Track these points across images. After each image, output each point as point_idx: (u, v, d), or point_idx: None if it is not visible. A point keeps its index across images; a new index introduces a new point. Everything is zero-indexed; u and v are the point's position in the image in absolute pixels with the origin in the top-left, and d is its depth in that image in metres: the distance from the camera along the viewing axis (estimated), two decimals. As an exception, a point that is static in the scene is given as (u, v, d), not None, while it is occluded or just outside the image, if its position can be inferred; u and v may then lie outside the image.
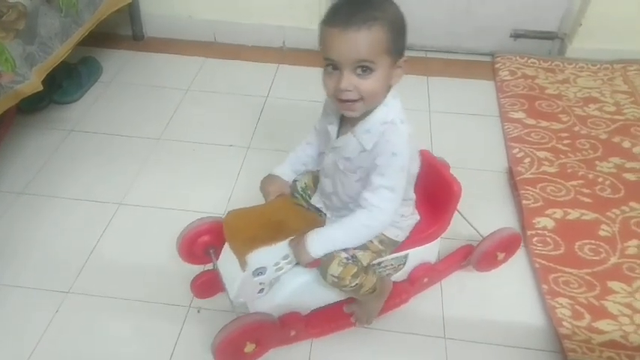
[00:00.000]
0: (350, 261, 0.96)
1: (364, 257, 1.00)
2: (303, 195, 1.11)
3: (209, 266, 1.15)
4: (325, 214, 1.09)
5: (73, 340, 1.14)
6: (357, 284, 0.99)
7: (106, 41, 2.10)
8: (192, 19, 2.12)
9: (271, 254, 0.98)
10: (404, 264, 1.14)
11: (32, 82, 1.42)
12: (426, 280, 1.20)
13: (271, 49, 2.11)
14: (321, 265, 0.96)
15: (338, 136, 0.97)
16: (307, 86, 1.87)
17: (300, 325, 1.09)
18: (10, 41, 1.35)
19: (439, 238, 1.17)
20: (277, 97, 1.87)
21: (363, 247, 0.99)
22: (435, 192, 1.13)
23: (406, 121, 0.93)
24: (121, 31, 2.16)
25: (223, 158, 1.61)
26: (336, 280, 0.96)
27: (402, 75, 0.91)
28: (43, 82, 1.47)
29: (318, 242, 0.94)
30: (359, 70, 0.85)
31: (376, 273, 1.06)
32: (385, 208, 0.92)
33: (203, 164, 1.59)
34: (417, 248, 1.13)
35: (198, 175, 1.55)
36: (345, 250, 0.96)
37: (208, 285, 1.14)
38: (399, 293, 1.18)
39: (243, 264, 0.96)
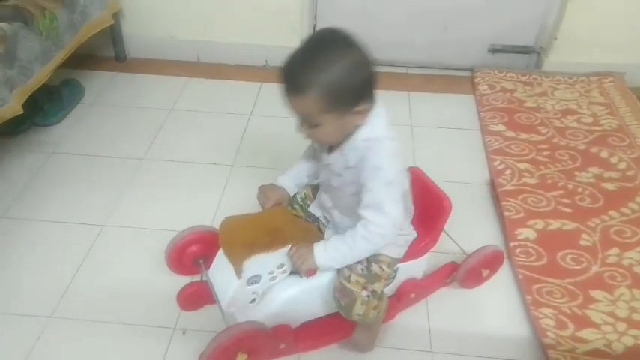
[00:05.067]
0: (371, 297, 1.00)
1: (379, 287, 1.02)
2: (302, 205, 1.13)
3: (196, 278, 1.14)
4: (323, 224, 1.11)
5: (55, 366, 1.12)
6: (378, 313, 1.03)
7: (88, 63, 2.10)
8: (174, 39, 2.13)
9: (267, 262, 0.97)
10: (393, 278, 1.15)
11: (12, 106, 1.42)
12: (412, 295, 1.21)
13: (254, 67, 2.13)
14: (343, 304, 1.01)
15: (329, 154, 0.99)
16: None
17: (290, 338, 1.08)
18: (-11, 65, 1.35)
19: (428, 254, 1.18)
20: (260, 116, 1.88)
21: (377, 277, 1.02)
22: (426, 207, 1.14)
23: (392, 138, 0.94)
24: (104, 53, 2.17)
25: (207, 177, 1.61)
26: (361, 317, 1.01)
27: (365, 116, 0.91)
28: (24, 105, 1.47)
29: (326, 253, 0.97)
30: (306, 124, 0.91)
31: (385, 293, 1.07)
32: (380, 223, 0.93)
33: (187, 183, 1.59)
34: (406, 263, 1.13)
35: (183, 194, 1.54)
36: (364, 287, 0.99)
37: (195, 296, 1.12)
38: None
39: (239, 271, 0.94)
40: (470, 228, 1.36)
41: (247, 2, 2.02)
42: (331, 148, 0.98)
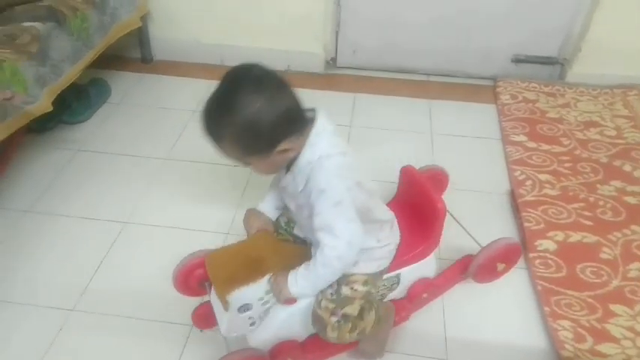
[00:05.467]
0: (341, 321, 0.99)
1: (353, 309, 1.00)
2: (287, 229, 1.11)
3: (207, 297, 1.15)
4: (309, 243, 1.08)
5: (76, 359, 1.14)
6: (358, 333, 1.01)
7: (115, 63, 2.15)
8: (199, 42, 2.17)
9: (254, 291, 0.97)
10: (397, 283, 1.15)
11: (42, 103, 1.46)
12: (425, 295, 1.20)
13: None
14: (317, 329, 1.01)
15: (285, 175, 0.96)
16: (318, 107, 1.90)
17: (297, 351, 1.08)
18: (23, 63, 1.39)
19: (432, 255, 1.17)
20: (282, 119, 1.90)
21: (348, 300, 0.99)
22: (421, 210, 1.14)
23: (338, 154, 0.89)
24: (130, 54, 2.22)
25: (228, 178, 1.63)
26: (337, 340, 1.00)
27: (293, 152, 0.89)
28: (53, 102, 1.51)
29: (297, 283, 0.95)
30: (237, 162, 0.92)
31: (374, 305, 1.05)
32: (333, 245, 0.90)
33: (208, 184, 1.61)
34: (410, 266, 1.13)
35: (203, 195, 1.57)
36: (332, 313, 0.98)
37: (208, 316, 1.12)
38: (397, 311, 1.17)
39: (224, 304, 0.96)
40: (489, 238, 1.34)
41: (271, 8, 2.05)
42: (287, 167, 0.95)
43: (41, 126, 1.75)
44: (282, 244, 1.08)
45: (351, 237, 0.90)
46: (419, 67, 2.17)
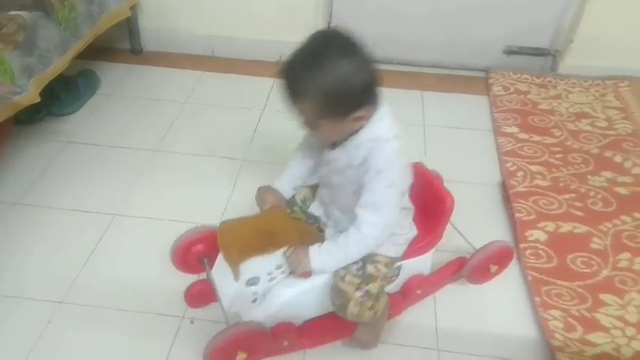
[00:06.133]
0: (365, 298, 1.00)
1: (374, 287, 1.02)
2: (302, 207, 1.12)
3: (203, 275, 1.15)
4: (323, 223, 1.10)
5: (64, 352, 1.13)
6: (374, 313, 1.02)
7: (104, 54, 2.12)
8: (190, 33, 2.15)
9: (264, 264, 0.98)
10: (397, 275, 1.15)
11: (30, 94, 1.43)
12: (419, 292, 1.21)
13: (268, 63, 2.14)
14: (337, 305, 1.01)
15: (331, 150, 0.99)
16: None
17: (293, 335, 1.09)
18: (9, 53, 1.37)
19: (432, 250, 1.18)
20: (273, 111, 1.89)
21: (372, 278, 1.01)
22: (428, 204, 1.14)
23: (395, 137, 0.92)
24: (120, 45, 2.19)
25: (219, 170, 1.62)
26: (355, 317, 1.00)
27: (365, 121, 0.91)
28: (41, 93, 1.49)
29: (320, 257, 0.97)
30: (306, 125, 0.93)
31: (385, 289, 1.07)
32: (375, 223, 0.93)
33: (198, 176, 1.60)
34: (411, 260, 1.14)
35: (194, 186, 1.55)
36: (358, 288, 0.99)
37: (202, 294, 1.14)
38: (391, 305, 1.17)
39: (236, 273, 0.96)
40: (480, 228, 1.35)
41: (263, -2, 2.03)
42: (334, 144, 0.98)
43: (29, 117, 1.72)
44: (295, 222, 1.09)
45: (391, 220, 0.95)
46: (411, 59, 2.16)
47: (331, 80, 0.83)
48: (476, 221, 1.34)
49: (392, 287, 1.17)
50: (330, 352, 1.15)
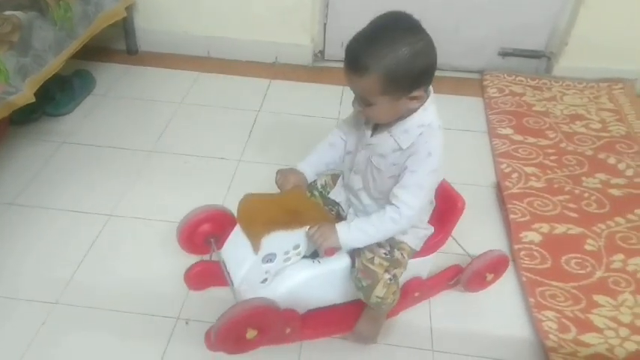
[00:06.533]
0: (392, 281, 1.02)
1: (399, 273, 1.04)
2: (323, 192, 1.14)
3: (206, 257, 1.14)
4: (342, 210, 1.12)
5: (59, 353, 1.13)
6: (393, 301, 1.04)
7: (100, 55, 2.12)
8: (186, 34, 2.15)
9: (285, 241, 0.98)
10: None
11: (24, 94, 1.43)
12: (417, 294, 1.21)
13: (264, 64, 2.14)
14: (364, 286, 1.01)
15: (373, 134, 1.00)
16: (299, 101, 1.89)
17: (297, 323, 1.08)
18: (4, 52, 1.36)
19: (435, 253, 1.18)
20: (269, 112, 1.89)
21: (398, 263, 1.03)
22: (439, 206, 1.14)
23: (440, 126, 0.96)
24: (116, 45, 2.18)
25: (214, 171, 1.62)
26: (380, 300, 1.01)
27: (420, 102, 0.94)
28: (36, 94, 1.48)
29: (350, 233, 0.98)
30: (361, 102, 0.94)
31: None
32: (413, 204, 0.95)
33: (194, 177, 1.60)
34: (413, 260, 1.13)
35: (190, 187, 1.55)
36: (386, 270, 1.01)
37: (202, 276, 1.12)
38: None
39: (257, 247, 0.95)
40: (475, 230, 1.35)
41: (259, -1, 2.04)
42: (376, 128, 0.99)
43: (24, 117, 1.72)
44: (316, 204, 1.10)
45: (425, 204, 1.00)
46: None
47: (399, 56, 0.86)
48: (471, 223, 1.34)
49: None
50: (326, 349, 1.15)
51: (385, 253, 1.03)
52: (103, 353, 1.13)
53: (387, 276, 1.01)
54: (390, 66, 0.86)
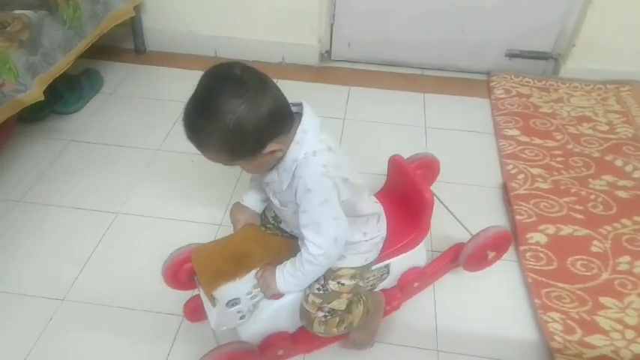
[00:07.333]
0: (328, 316, 0.99)
1: (341, 304, 1.00)
2: (275, 223, 1.09)
3: (197, 291, 1.15)
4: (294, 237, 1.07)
5: (65, 350, 1.14)
6: (346, 327, 1.02)
7: (108, 54, 2.13)
8: (193, 34, 2.16)
9: (241, 286, 0.97)
10: (387, 273, 1.15)
11: (33, 92, 1.44)
12: (416, 284, 1.21)
13: (271, 64, 2.15)
14: (304, 324, 1.01)
15: (268, 171, 0.94)
16: (305, 101, 1.89)
17: (287, 343, 1.08)
18: (13, 51, 1.38)
19: (422, 244, 1.18)
20: (275, 111, 1.89)
21: (335, 295, 0.99)
22: (409, 200, 1.15)
23: (321, 151, 0.87)
24: (124, 45, 2.20)
25: (220, 170, 1.61)
26: (324, 335, 1.00)
27: (280, 152, 0.86)
28: (45, 92, 1.49)
29: (284, 279, 0.95)
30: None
31: (362, 297, 1.06)
32: (319, 242, 0.89)
33: (201, 175, 1.60)
34: (400, 256, 1.14)
35: (196, 186, 1.56)
36: (319, 308, 0.98)
37: (198, 310, 1.11)
38: (389, 301, 1.18)
39: (211, 299, 0.95)
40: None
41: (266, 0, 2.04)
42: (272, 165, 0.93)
43: (33, 116, 1.73)
44: (269, 238, 1.07)
45: (337, 234, 0.90)
46: (413, 61, 2.17)
47: (227, 126, 0.79)
48: (477, 223, 1.34)
49: (387, 283, 1.18)
50: (329, 355, 1.15)
51: (318, 288, 0.98)
52: (109, 350, 1.14)
53: (320, 314, 0.98)
54: (225, 136, 0.80)
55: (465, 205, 1.37)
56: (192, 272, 1.09)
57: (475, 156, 1.73)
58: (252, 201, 1.08)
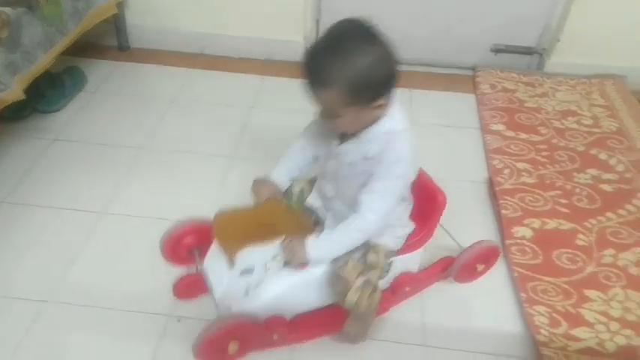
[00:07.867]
0: (366, 285, 1.01)
1: (374, 276, 1.03)
2: (299, 199, 1.12)
3: (192, 268, 1.14)
4: (318, 216, 1.11)
5: (50, 351, 1.13)
6: (370, 304, 1.03)
7: (91, 51, 2.10)
8: (178, 30, 2.14)
9: (260, 254, 0.98)
10: (387, 272, 1.15)
11: (14, 91, 1.42)
12: (407, 289, 1.21)
13: (257, 61, 2.13)
14: (337, 292, 1.02)
15: (340, 143, 0.99)
16: (291, 97, 1.88)
17: (283, 329, 1.09)
18: (-8, 49, 1.35)
19: (422, 247, 1.18)
20: (262, 108, 1.89)
21: (373, 266, 1.03)
22: (420, 201, 1.15)
23: (408, 130, 0.96)
24: (107, 42, 2.17)
25: (208, 168, 1.61)
26: (354, 305, 1.01)
27: (384, 109, 0.93)
28: (26, 90, 1.47)
29: (318, 248, 0.98)
30: (326, 114, 0.93)
31: (378, 288, 1.07)
32: (377, 209, 0.95)
33: (187, 173, 1.59)
34: (401, 256, 1.14)
35: (182, 184, 1.55)
36: (359, 274, 1.00)
37: (190, 287, 1.13)
38: (380, 302, 1.17)
39: (232, 262, 0.95)
40: (467, 225, 1.36)
41: (252, -5, 2.03)
42: (343, 137, 0.98)
43: (15, 115, 1.70)
44: (292, 213, 1.09)
45: (390, 209, 0.97)
46: (399, 57, 2.16)
47: (359, 67, 0.85)
48: (463, 218, 1.35)
49: (381, 284, 1.17)
50: (318, 349, 1.15)
51: (359, 258, 1.02)
52: (95, 351, 1.13)
53: (359, 281, 1.00)
54: (353, 77, 0.85)
55: (451, 200, 1.37)
56: (191, 246, 1.08)
57: (461, 151, 1.73)
58: (281, 177, 1.11)
